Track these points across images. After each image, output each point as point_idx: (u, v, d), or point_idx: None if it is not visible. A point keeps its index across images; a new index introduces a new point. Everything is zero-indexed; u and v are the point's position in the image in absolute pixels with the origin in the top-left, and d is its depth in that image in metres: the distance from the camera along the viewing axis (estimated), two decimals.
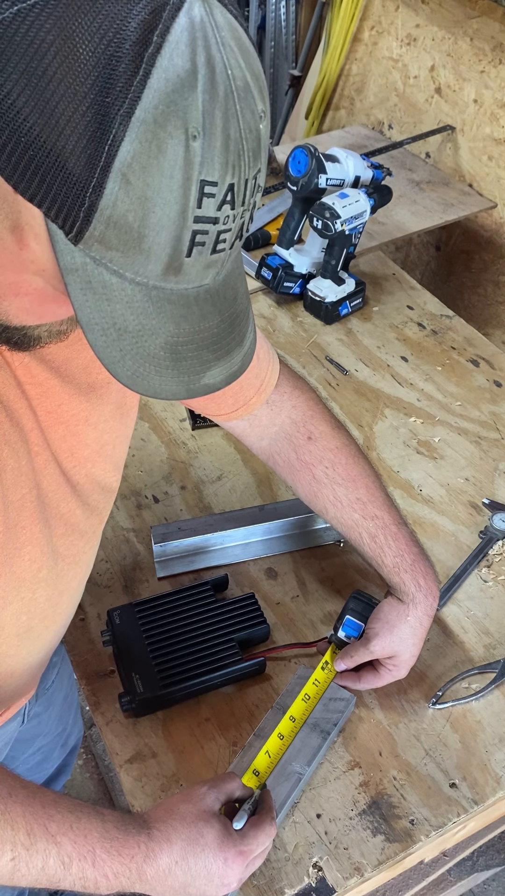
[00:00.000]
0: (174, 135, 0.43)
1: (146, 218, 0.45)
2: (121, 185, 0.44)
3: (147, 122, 0.43)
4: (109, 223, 0.45)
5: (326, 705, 0.91)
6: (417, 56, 2.11)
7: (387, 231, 1.74)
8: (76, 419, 0.69)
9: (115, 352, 0.50)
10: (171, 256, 0.47)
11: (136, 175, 0.44)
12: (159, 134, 0.43)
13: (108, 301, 0.48)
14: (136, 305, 0.49)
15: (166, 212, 0.45)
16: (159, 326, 0.50)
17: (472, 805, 0.87)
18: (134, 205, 0.44)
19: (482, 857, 1.27)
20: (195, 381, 0.53)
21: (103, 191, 0.44)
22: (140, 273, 0.48)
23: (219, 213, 0.47)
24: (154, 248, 0.46)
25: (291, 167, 1.43)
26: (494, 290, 2.14)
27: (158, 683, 0.90)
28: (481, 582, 1.09)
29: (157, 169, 0.44)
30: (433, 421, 1.32)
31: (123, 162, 0.43)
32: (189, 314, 0.51)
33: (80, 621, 1.01)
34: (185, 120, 0.43)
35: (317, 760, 0.87)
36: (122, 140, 0.43)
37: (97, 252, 0.46)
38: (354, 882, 0.81)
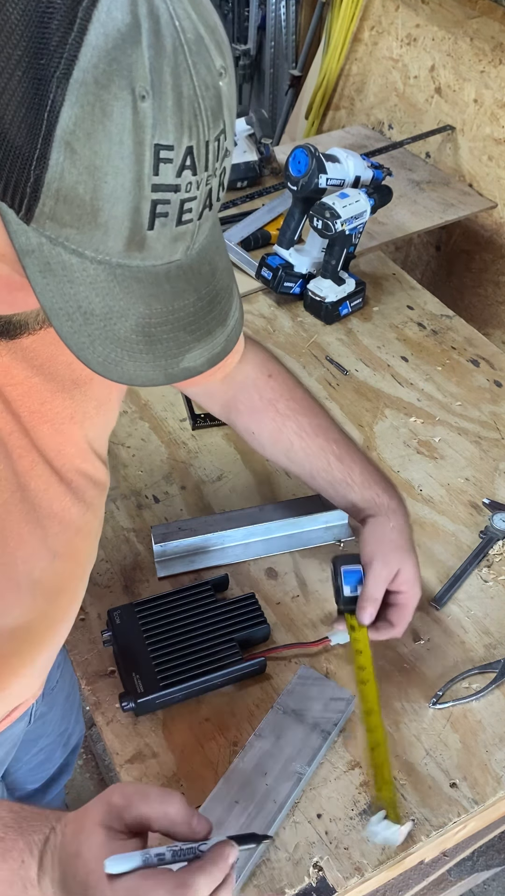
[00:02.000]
0: (119, 96, 0.40)
1: (98, 189, 0.42)
2: (66, 155, 0.40)
3: (87, 83, 0.39)
4: (59, 197, 0.42)
5: (327, 705, 0.91)
6: (417, 56, 2.11)
7: (387, 231, 1.74)
8: (61, 417, 0.67)
9: (84, 337, 0.46)
10: (132, 230, 0.44)
11: (80, 143, 0.40)
12: (102, 95, 0.39)
13: (70, 283, 0.45)
14: (100, 286, 0.46)
15: (119, 181, 0.42)
16: (128, 307, 0.47)
17: (472, 805, 0.87)
18: (83, 175, 0.41)
19: (482, 857, 1.27)
20: (173, 366, 0.50)
21: (48, 162, 0.40)
22: (100, 251, 0.44)
23: (179, 179, 0.43)
24: (111, 222, 0.43)
25: (291, 167, 1.43)
26: (494, 290, 2.13)
27: (158, 683, 0.90)
28: (481, 582, 1.09)
29: (104, 134, 0.40)
30: (433, 421, 1.32)
31: (66, 129, 0.40)
32: (160, 293, 0.48)
33: (80, 621, 1.01)
34: (130, 79, 0.40)
35: (317, 760, 0.87)
36: (61, 105, 0.39)
37: (52, 230, 0.43)
38: (354, 882, 0.81)
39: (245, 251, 1.62)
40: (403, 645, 1.01)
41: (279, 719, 0.90)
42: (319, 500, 1.11)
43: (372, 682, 0.89)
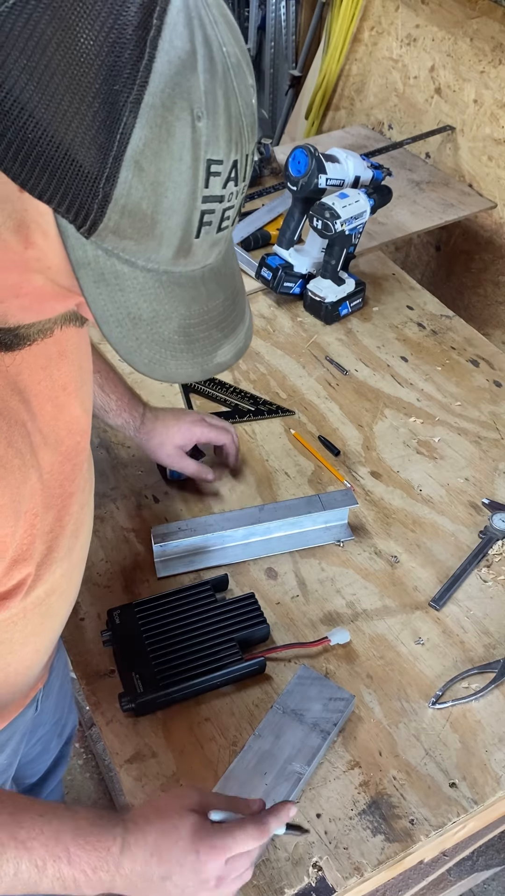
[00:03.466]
0: (181, 117, 0.43)
1: (159, 203, 0.45)
2: (134, 173, 0.44)
3: (155, 106, 0.43)
4: (124, 212, 0.45)
5: (326, 705, 0.91)
6: (417, 56, 2.11)
7: (387, 231, 1.74)
8: (57, 390, 0.69)
9: (132, 342, 0.50)
10: (182, 239, 0.47)
11: (148, 161, 0.44)
12: (168, 117, 0.43)
13: (122, 291, 0.48)
14: (148, 292, 0.49)
15: (177, 195, 0.45)
16: (172, 311, 0.50)
17: (472, 805, 0.87)
18: (147, 191, 0.44)
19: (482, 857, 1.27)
20: (208, 361, 0.54)
21: (117, 180, 0.43)
22: (152, 259, 0.48)
23: (224, 190, 0.47)
24: (166, 233, 0.47)
25: (291, 167, 1.43)
26: (493, 291, 2.13)
27: (158, 683, 0.90)
28: (481, 582, 1.09)
29: (168, 153, 0.44)
30: (433, 421, 1.32)
31: (136, 149, 0.43)
32: (198, 295, 0.52)
33: (80, 621, 1.01)
34: (189, 101, 0.43)
35: (317, 760, 0.87)
36: (132, 127, 0.42)
37: (110, 243, 0.46)
38: (353, 882, 0.81)
39: (245, 251, 1.62)
40: (403, 645, 1.01)
41: (279, 719, 0.90)
42: (318, 500, 1.12)
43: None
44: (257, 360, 1.42)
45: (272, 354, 1.43)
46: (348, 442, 1.28)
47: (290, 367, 1.41)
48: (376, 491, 1.20)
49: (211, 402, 1.32)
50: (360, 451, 1.26)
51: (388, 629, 1.03)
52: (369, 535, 1.14)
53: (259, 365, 1.41)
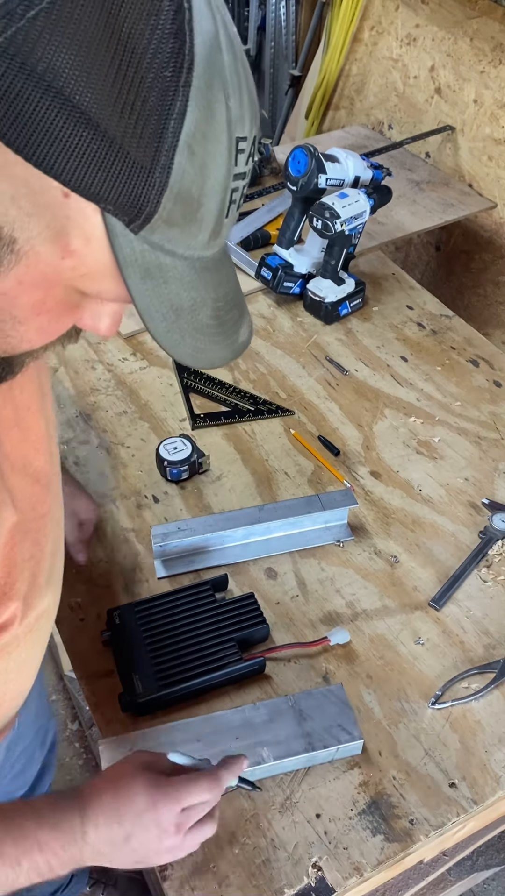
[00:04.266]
0: (218, 97, 0.44)
1: (204, 185, 0.45)
2: (187, 158, 0.44)
3: (201, 88, 0.43)
4: (177, 199, 0.45)
5: (331, 729, 0.88)
6: (417, 56, 2.11)
7: (387, 231, 1.74)
8: (21, 412, 0.68)
9: (176, 334, 0.50)
10: (217, 220, 0.48)
11: (199, 144, 0.44)
12: (209, 97, 0.44)
13: (165, 283, 0.48)
14: (186, 281, 0.49)
15: (218, 176, 0.46)
16: (207, 296, 0.51)
17: (471, 805, 0.87)
18: (197, 175, 0.45)
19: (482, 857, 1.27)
20: (235, 342, 0.55)
21: (172, 167, 0.43)
22: (191, 246, 0.48)
23: (246, 167, 0.48)
24: (206, 216, 0.47)
25: (290, 167, 1.43)
26: (493, 291, 2.13)
27: (158, 683, 0.90)
28: (481, 582, 1.09)
29: (213, 134, 0.44)
30: (433, 421, 1.32)
31: (189, 133, 0.43)
32: (221, 277, 0.52)
33: (79, 621, 1.01)
34: (223, 81, 0.44)
35: (286, 764, 0.87)
36: (185, 111, 0.43)
37: (159, 234, 0.46)
38: (353, 882, 0.81)
39: (245, 251, 1.62)
40: (403, 645, 1.01)
41: (283, 708, 0.90)
42: (318, 500, 1.12)
43: None
44: (257, 359, 1.42)
45: (272, 354, 1.43)
46: (348, 442, 1.28)
47: (290, 367, 1.41)
48: (376, 491, 1.20)
49: (211, 402, 1.32)
50: (359, 451, 1.26)
51: (387, 629, 1.03)
52: (369, 535, 1.14)
53: (259, 365, 1.41)
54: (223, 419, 1.29)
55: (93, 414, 1.29)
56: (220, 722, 0.88)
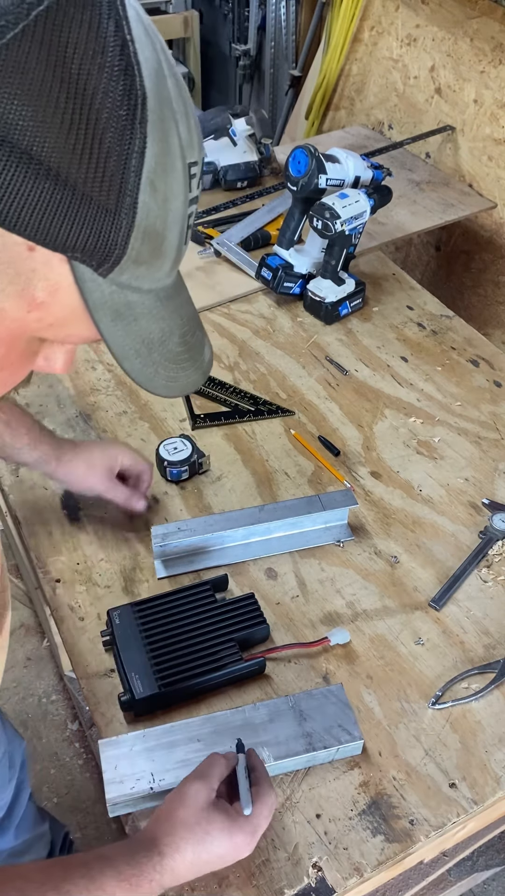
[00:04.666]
0: (170, 128, 0.43)
1: (166, 218, 0.44)
2: (150, 194, 0.43)
3: (156, 122, 0.42)
4: (145, 237, 0.44)
5: (331, 729, 0.88)
6: (417, 56, 2.11)
7: (387, 231, 1.74)
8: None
9: (150, 368, 0.50)
10: (178, 250, 0.47)
11: (159, 179, 0.43)
12: (164, 130, 0.43)
13: (135, 321, 0.48)
14: (154, 313, 0.49)
15: (177, 205, 0.45)
16: (173, 324, 0.50)
17: (471, 805, 0.87)
18: (161, 209, 0.44)
19: (482, 857, 1.27)
20: (202, 363, 0.54)
21: (138, 206, 0.42)
22: (156, 279, 0.47)
23: (198, 191, 0.47)
24: (169, 248, 0.46)
25: (291, 167, 1.43)
26: (493, 291, 2.13)
27: (158, 683, 0.90)
28: (481, 582, 1.09)
29: (171, 165, 0.43)
30: (433, 421, 1.32)
31: (150, 169, 0.42)
32: (182, 300, 0.52)
33: (79, 621, 1.01)
34: (171, 109, 0.43)
35: (284, 765, 0.87)
36: (144, 148, 0.41)
37: (128, 274, 0.45)
38: (353, 882, 0.81)
39: (245, 251, 1.62)
40: (403, 645, 1.01)
41: (283, 708, 0.90)
42: (318, 500, 1.12)
43: None
44: (257, 360, 1.42)
45: (272, 354, 1.43)
46: (348, 442, 1.28)
47: (290, 367, 1.41)
48: (376, 491, 1.20)
49: (211, 402, 1.32)
50: (360, 452, 1.26)
51: (388, 629, 1.03)
52: (369, 536, 1.14)
53: (259, 365, 1.41)
54: (223, 419, 1.29)
55: (93, 414, 1.28)
56: (219, 722, 0.88)
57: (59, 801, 1.64)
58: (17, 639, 1.90)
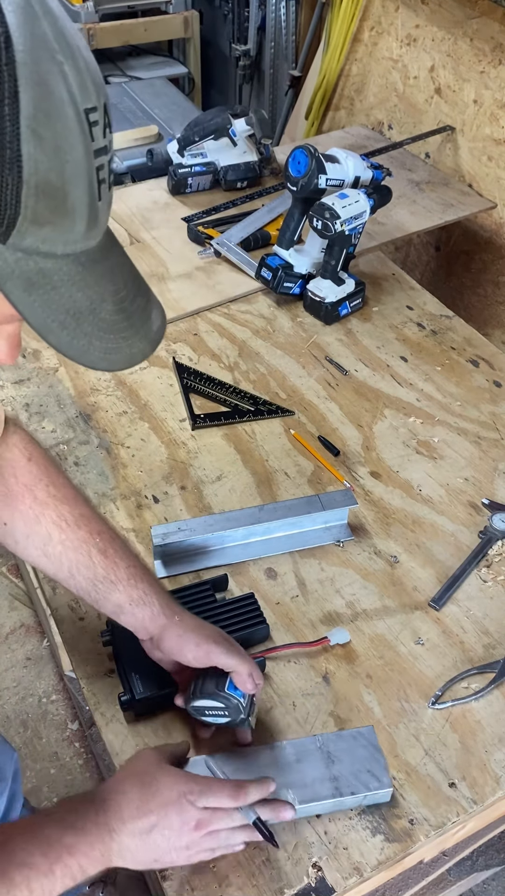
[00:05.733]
0: (49, 68, 0.39)
1: (63, 170, 0.40)
2: (34, 143, 0.39)
3: (27, 62, 0.38)
4: (38, 193, 0.40)
5: (359, 775, 0.84)
6: (416, 56, 2.11)
7: (387, 231, 1.74)
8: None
9: (81, 340, 0.45)
10: (90, 206, 0.43)
11: (43, 126, 0.39)
12: (40, 71, 0.38)
13: (54, 289, 0.44)
14: (77, 279, 0.44)
15: (76, 156, 0.41)
16: (103, 290, 0.46)
17: (471, 805, 0.87)
18: (52, 160, 0.40)
19: (482, 857, 1.27)
20: (148, 331, 0.50)
21: (21, 159, 0.38)
22: (69, 241, 0.43)
23: (105, 140, 0.43)
24: (77, 204, 0.42)
25: (290, 167, 1.43)
26: (493, 291, 2.14)
27: (157, 683, 0.90)
28: (481, 582, 1.09)
29: (56, 111, 0.39)
30: (433, 421, 1.32)
31: (28, 116, 0.38)
32: (114, 265, 0.48)
33: (79, 621, 1.01)
34: (49, 49, 0.39)
35: (311, 809, 0.83)
36: (17, 92, 0.38)
37: (30, 237, 0.41)
38: (353, 882, 0.81)
39: (245, 251, 1.62)
40: (403, 645, 1.01)
41: (310, 749, 0.86)
42: (318, 500, 1.12)
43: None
44: (257, 360, 1.42)
45: (272, 354, 1.43)
46: (348, 442, 1.28)
47: (290, 367, 1.41)
48: (376, 491, 1.20)
49: (211, 402, 1.33)
50: (359, 451, 1.26)
51: (387, 629, 1.03)
52: (369, 536, 1.14)
53: (259, 365, 1.41)
54: (223, 419, 1.29)
55: (93, 414, 1.29)
56: (243, 760, 0.85)
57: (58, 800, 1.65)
58: (17, 639, 1.90)
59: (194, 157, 1.80)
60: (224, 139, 1.79)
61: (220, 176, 1.82)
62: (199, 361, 1.41)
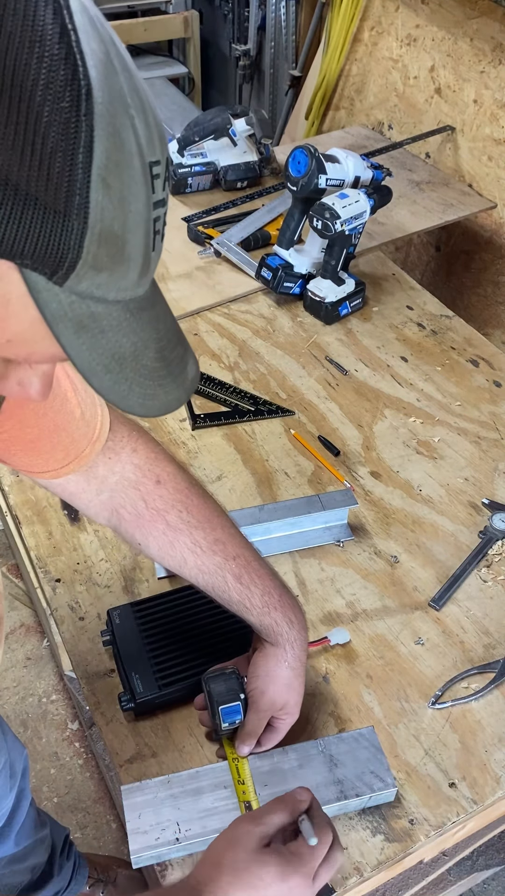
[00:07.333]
0: (124, 122, 0.40)
1: (126, 219, 0.41)
2: (103, 192, 0.39)
3: (104, 115, 0.39)
4: (101, 240, 0.40)
5: (363, 776, 0.85)
6: (416, 56, 2.11)
7: (387, 231, 1.74)
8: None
9: (123, 385, 0.46)
10: (144, 255, 0.44)
11: (113, 175, 0.40)
12: (115, 123, 0.39)
13: (102, 333, 0.44)
14: (125, 326, 0.45)
15: (138, 206, 0.41)
16: (147, 337, 0.47)
17: (471, 805, 0.87)
18: (117, 209, 0.40)
19: (482, 857, 1.27)
20: (184, 379, 0.50)
21: (89, 205, 0.39)
22: (122, 288, 0.44)
23: (164, 193, 0.44)
24: (133, 252, 0.43)
25: (290, 167, 1.43)
26: (493, 291, 2.14)
27: (157, 683, 0.90)
28: (481, 582, 1.09)
29: (126, 162, 0.40)
30: (433, 421, 1.32)
31: (100, 165, 0.39)
32: (158, 313, 0.48)
33: (79, 621, 1.01)
34: (123, 103, 0.40)
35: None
36: (92, 142, 0.38)
37: (87, 281, 0.42)
38: (353, 882, 0.81)
39: (245, 251, 1.62)
40: (403, 645, 1.01)
41: (312, 753, 0.86)
42: (318, 500, 1.12)
43: (254, 803, 0.83)
44: (257, 360, 1.42)
45: (272, 354, 1.43)
46: (348, 442, 1.28)
47: (290, 367, 1.41)
48: (376, 491, 1.20)
49: (211, 402, 1.33)
50: (359, 451, 1.26)
51: (387, 629, 1.03)
52: (369, 535, 1.14)
53: (259, 365, 1.41)
54: (223, 419, 1.29)
55: None
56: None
57: (59, 800, 1.64)
58: (17, 639, 1.90)
59: (194, 157, 1.80)
60: (224, 139, 1.79)
61: (220, 176, 1.82)
62: (200, 361, 1.41)
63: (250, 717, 0.84)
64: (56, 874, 1.24)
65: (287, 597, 0.85)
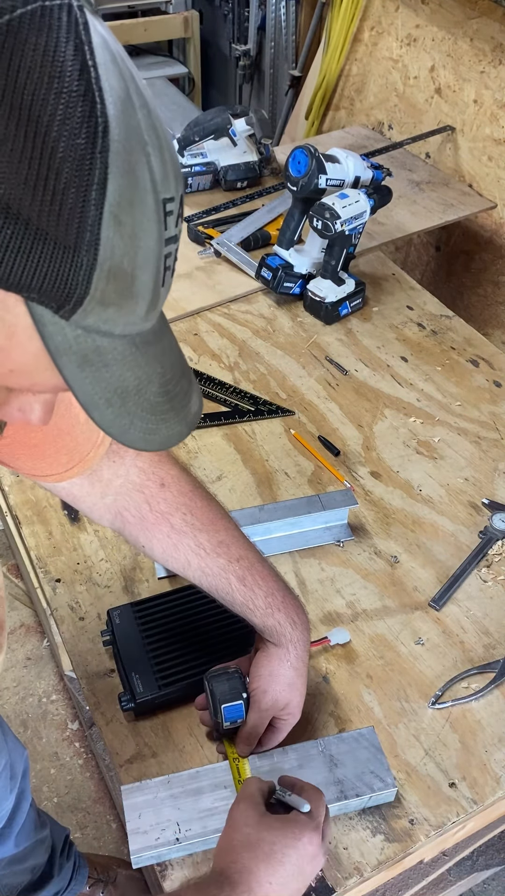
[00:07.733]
0: (139, 160, 0.40)
1: (136, 256, 0.41)
2: (114, 229, 0.39)
3: (120, 152, 0.39)
4: (110, 276, 0.40)
5: (363, 776, 0.85)
6: (417, 56, 2.11)
7: (387, 231, 1.74)
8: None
9: (125, 419, 0.46)
10: (153, 291, 0.44)
11: (125, 212, 0.40)
12: (130, 161, 0.40)
13: (106, 367, 0.44)
14: (129, 360, 0.45)
15: (149, 243, 0.41)
16: (151, 372, 0.46)
17: (471, 805, 0.87)
18: (128, 246, 0.40)
19: (482, 857, 1.27)
20: (187, 413, 0.50)
21: (100, 242, 0.39)
22: (129, 322, 0.44)
23: (176, 230, 0.44)
24: (142, 289, 0.42)
25: (290, 167, 1.43)
26: (493, 291, 2.14)
27: (157, 683, 0.90)
28: (481, 582, 1.09)
29: (139, 199, 0.40)
30: (433, 421, 1.32)
31: (113, 203, 0.39)
32: (164, 348, 0.48)
33: (79, 621, 1.01)
34: (140, 140, 0.40)
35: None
36: (105, 179, 0.38)
37: (94, 316, 0.42)
38: (353, 882, 0.81)
39: (245, 251, 1.62)
40: (403, 645, 1.01)
41: (312, 753, 0.86)
42: (318, 500, 1.12)
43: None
44: (257, 360, 1.42)
45: (272, 354, 1.43)
46: (348, 442, 1.28)
47: (290, 367, 1.41)
48: (376, 491, 1.20)
49: (211, 402, 1.33)
50: (360, 451, 1.26)
51: (388, 629, 1.03)
52: (369, 535, 1.14)
53: (259, 365, 1.41)
54: (223, 419, 1.29)
55: None
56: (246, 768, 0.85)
57: (59, 800, 1.64)
58: (17, 639, 1.90)
59: (194, 157, 1.80)
60: (224, 139, 1.79)
61: (220, 176, 1.82)
62: (200, 361, 1.41)
63: (252, 716, 0.84)
64: (56, 874, 1.24)
65: (290, 598, 0.86)
